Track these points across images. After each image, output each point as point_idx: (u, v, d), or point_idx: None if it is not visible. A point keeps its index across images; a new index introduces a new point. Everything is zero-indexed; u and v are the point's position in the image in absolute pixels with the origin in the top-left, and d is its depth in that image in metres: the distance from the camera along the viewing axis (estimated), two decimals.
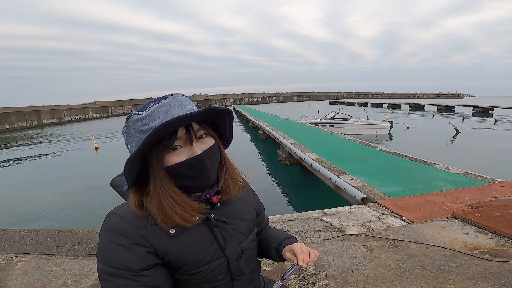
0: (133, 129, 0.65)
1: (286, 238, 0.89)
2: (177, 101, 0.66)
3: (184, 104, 0.67)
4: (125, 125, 0.67)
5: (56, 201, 7.16)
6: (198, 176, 0.67)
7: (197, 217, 0.68)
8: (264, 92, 76.67)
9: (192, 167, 0.66)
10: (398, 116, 26.95)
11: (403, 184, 4.23)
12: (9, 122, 28.06)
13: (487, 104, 34.03)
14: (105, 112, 43.50)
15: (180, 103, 0.66)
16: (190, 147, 0.66)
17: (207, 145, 0.69)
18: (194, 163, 0.66)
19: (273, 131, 11.57)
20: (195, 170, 0.67)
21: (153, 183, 0.65)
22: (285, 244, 0.86)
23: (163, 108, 0.64)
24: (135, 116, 0.65)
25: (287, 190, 7.58)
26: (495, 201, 3.15)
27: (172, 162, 0.65)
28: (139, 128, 0.64)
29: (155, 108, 0.64)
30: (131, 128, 0.66)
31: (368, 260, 2.09)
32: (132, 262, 0.63)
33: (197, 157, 0.66)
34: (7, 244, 2.53)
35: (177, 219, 0.65)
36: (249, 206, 0.86)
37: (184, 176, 0.66)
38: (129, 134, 0.67)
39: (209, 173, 0.69)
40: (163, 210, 0.64)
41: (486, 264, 1.97)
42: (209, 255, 0.72)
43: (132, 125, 0.65)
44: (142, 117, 0.64)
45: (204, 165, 0.68)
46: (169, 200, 0.64)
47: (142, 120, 0.64)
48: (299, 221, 2.98)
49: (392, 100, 62.44)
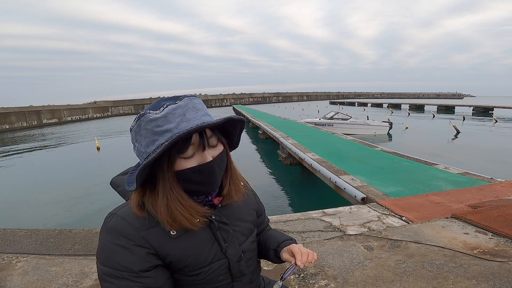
0: (144, 128, 0.63)
1: (285, 240, 0.89)
2: (192, 104, 0.65)
3: (198, 107, 0.66)
4: (136, 123, 0.65)
5: (57, 201, 7.16)
6: (206, 182, 0.68)
7: (201, 220, 0.69)
8: (264, 92, 76.64)
9: (202, 173, 0.66)
10: (398, 116, 26.95)
11: (403, 184, 4.23)
12: (9, 122, 28.05)
13: (487, 104, 34.02)
14: (105, 112, 43.49)
15: (195, 106, 0.66)
16: (202, 153, 0.66)
17: (217, 152, 0.69)
18: (204, 169, 0.66)
19: (273, 131, 11.56)
20: (204, 176, 0.67)
21: (162, 187, 0.65)
22: (284, 246, 0.86)
23: (179, 110, 0.63)
24: (148, 115, 0.62)
25: (287, 190, 7.57)
26: (495, 201, 3.15)
27: (183, 167, 0.65)
28: (152, 129, 0.62)
29: (170, 109, 0.62)
30: (142, 127, 0.64)
31: (368, 260, 2.09)
32: (133, 264, 0.63)
33: (207, 164, 0.66)
34: (7, 244, 2.53)
35: (184, 222, 0.66)
36: (250, 207, 0.87)
37: (192, 181, 0.66)
38: (138, 132, 0.65)
39: (217, 179, 0.70)
40: (171, 214, 0.65)
41: (486, 264, 1.97)
42: (210, 256, 0.72)
43: (144, 125, 0.63)
44: (156, 118, 0.62)
45: (213, 172, 0.68)
46: (177, 204, 0.65)
47: (156, 121, 0.62)
48: (299, 221, 2.98)
49: (392, 100, 62.42)
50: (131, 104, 48.56)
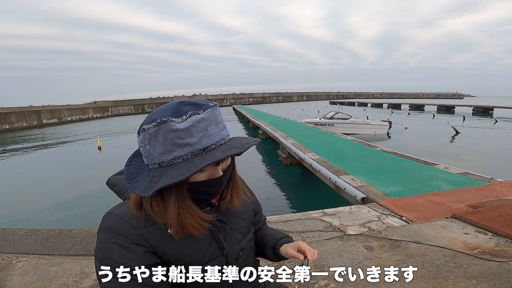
0: (164, 136, 0.61)
1: (282, 237, 0.91)
2: (214, 116, 0.66)
3: (219, 120, 0.68)
4: (153, 128, 0.62)
5: (57, 201, 7.16)
6: (212, 193, 0.71)
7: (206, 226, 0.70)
8: (264, 92, 76.62)
9: (212, 186, 0.69)
10: (398, 116, 26.95)
11: (403, 184, 4.23)
12: (9, 122, 28.06)
13: (487, 104, 34.03)
14: (105, 112, 43.50)
15: (216, 119, 0.66)
16: (215, 167, 0.68)
17: (226, 164, 0.72)
18: (215, 183, 0.69)
19: (273, 131, 11.56)
20: (214, 188, 0.70)
21: (174, 197, 0.65)
22: (282, 243, 0.88)
23: (202, 124, 0.63)
24: (171, 125, 0.61)
25: (287, 190, 7.57)
26: (495, 201, 3.15)
27: (196, 179, 0.66)
28: (173, 140, 0.61)
29: (193, 122, 0.62)
30: (161, 134, 0.61)
31: (368, 260, 2.09)
32: (131, 262, 0.63)
33: (218, 178, 0.69)
34: (7, 244, 2.53)
35: (193, 231, 0.67)
36: (247, 206, 0.87)
37: (200, 192, 0.68)
38: (155, 137, 0.62)
39: (221, 189, 0.73)
40: (181, 223, 0.66)
41: (486, 264, 1.97)
42: (208, 254, 0.72)
43: (164, 133, 0.61)
44: (178, 129, 0.61)
45: (221, 184, 0.71)
46: (188, 215, 0.66)
47: (178, 133, 0.61)
48: (299, 221, 2.98)
49: (392, 100, 62.40)
50: (131, 104, 48.56)
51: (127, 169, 0.70)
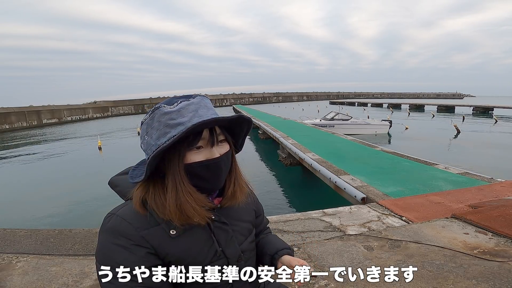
0: (158, 121, 0.65)
1: (283, 249, 0.88)
2: (204, 102, 0.69)
3: (209, 106, 0.70)
4: (149, 116, 0.67)
5: (57, 201, 7.16)
6: (211, 178, 0.70)
7: (205, 216, 0.70)
8: (264, 92, 76.60)
9: (208, 168, 0.68)
10: (398, 116, 26.95)
11: (403, 184, 4.23)
12: (9, 122, 28.03)
13: (487, 104, 34.02)
14: (105, 112, 43.46)
15: (206, 105, 0.69)
16: (210, 149, 0.68)
17: (224, 150, 0.72)
18: (212, 165, 0.68)
19: (273, 131, 11.55)
20: (211, 172, 0.69)
21: (171, 180, 0.66)
22: (282, 254, 0.86)
23: (192, 106, 0.66)
24: (163, 109, 0.65)
25: (287, 190, 7.57)
26: (495, 201, 3.15)
27: (192, 160, 0.67)
28: (165, 122, 0.65)
29: (184, 105, 0.66)
30: (155, 120, 0.66)
31: (368, 260, 2.09)
32: (132, 263, 0.63)
33: (215, 159, 0.68)
34: (7, 244, 2.53)
35: (192, 214, 0.67)
36: (249, 208, 0.87)
37: (199, 176, 0.68)
38: (150, 125, 0.67)
39: (221, 177, 0.72)
40: (180, 206, 0.65)
41: (486, 264, 1.97)
42: (210, 256, 0.72)
43: (157, 117, 0.66)
44: (170, 111, 0.65)
45: (219, 169, 0.70)
46: (187, 196, 0.66)
47: (170, 115, 0.64)
48: (299, 221, 2.98)
49: (392, 100, 62.37)
50: (131, 104, 48.54)
51: (133, 171, 0.72)
